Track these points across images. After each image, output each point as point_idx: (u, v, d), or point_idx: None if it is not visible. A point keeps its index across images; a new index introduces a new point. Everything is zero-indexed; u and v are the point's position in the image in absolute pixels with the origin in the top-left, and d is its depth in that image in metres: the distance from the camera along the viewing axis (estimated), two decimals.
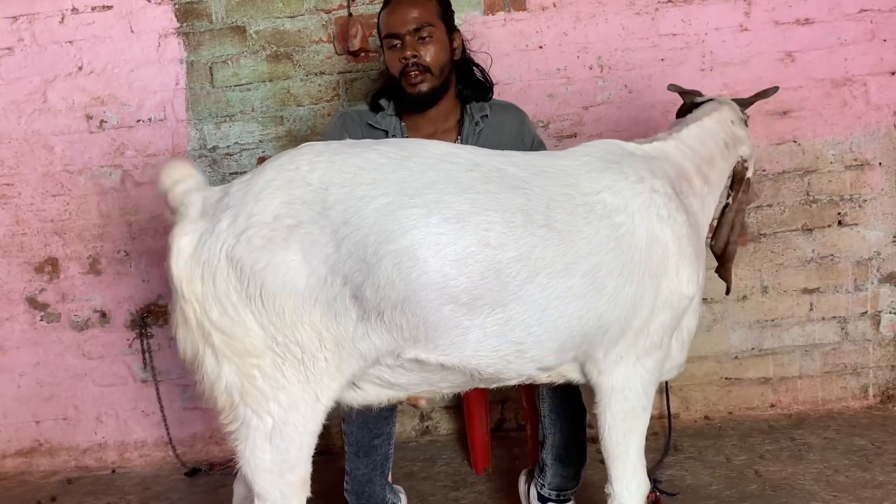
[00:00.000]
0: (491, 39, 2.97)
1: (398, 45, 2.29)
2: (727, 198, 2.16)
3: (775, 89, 2.29)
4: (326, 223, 1.55)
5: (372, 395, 1.77)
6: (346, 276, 1.55)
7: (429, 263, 1.57)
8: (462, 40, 2.42)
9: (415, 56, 2.25)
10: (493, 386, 1.84)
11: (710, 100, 2.21)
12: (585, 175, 1.79)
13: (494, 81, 2.53)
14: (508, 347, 1.69)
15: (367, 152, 1.64)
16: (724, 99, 2.22)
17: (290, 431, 1.61)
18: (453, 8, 2.39)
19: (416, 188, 1.60)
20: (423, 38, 2.27)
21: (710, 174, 2.04)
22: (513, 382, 1.82)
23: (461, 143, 2.33)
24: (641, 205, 1.78)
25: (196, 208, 1.62)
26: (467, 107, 2.40)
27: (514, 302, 1.65)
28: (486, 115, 2.40)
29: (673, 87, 2.39)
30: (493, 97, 2.48)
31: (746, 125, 2.21)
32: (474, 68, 2.47)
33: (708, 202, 2.04)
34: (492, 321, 1.65)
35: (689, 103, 2.25)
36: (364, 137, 2.33)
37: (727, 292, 2.26)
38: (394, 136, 2.34)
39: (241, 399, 1.60)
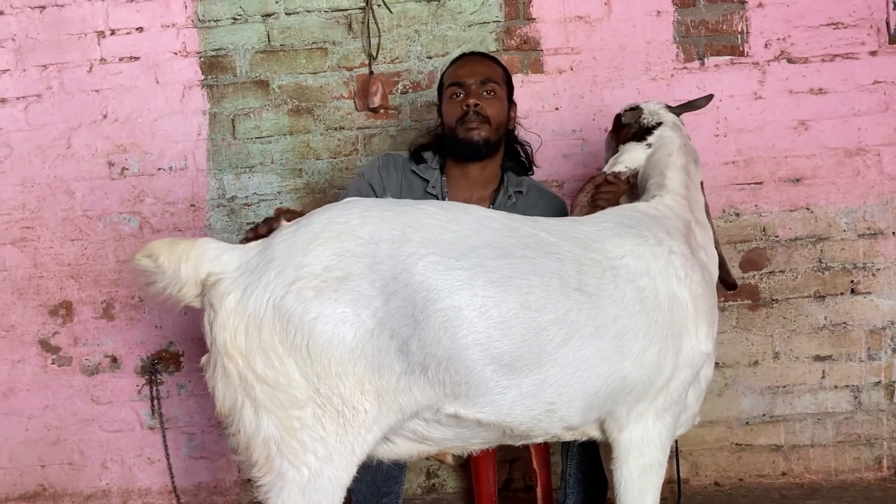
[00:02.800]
0: None
1: (461, 95, 2.35)
2: None
3: (709, 97, 2.34)
4: (376, 277, 1.58)
5: (403, 449, 1.79)
6: (393, 330, 1.58)
7: (474, 324, 1.61)
8: (516, 115, 2.50)
9: (477, 105, 2.32)
10: (521, 443, 1.87)
11: (654, 125, 2.24)
12: (609, 240, 1.84)
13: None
14: (541, 407, 1.72)
15: (413, 212, 1.68)
16: (668, 123, 2.24)
17: (324, 484, 1.60)
18: None
19: (462, 251, 1.64)
20: (489, 93, 2.35)
21: (699, 216, 2.10)
22: (540, 440, 1.86)
23: None
24: (661, 267, 1.84)
25: (233, 265, 1.64)
26: (504, 176, 2.44)
27: (550, 364, 1.69)
28: (521, 192, 2.43)
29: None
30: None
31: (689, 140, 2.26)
32: (519, 146, 2.53)
33: (710, 248, 2.08)
34: (528, 382, 1.69)
35: (632, 120, 2.28)
36: (402, 181, 2.40)
37: (734, 287, 2.25)
38: (433, 187, 2.39)
39: (279, 451, 1.59)
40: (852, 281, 3.08)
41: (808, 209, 3.07)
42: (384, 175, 2.43)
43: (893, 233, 3.06)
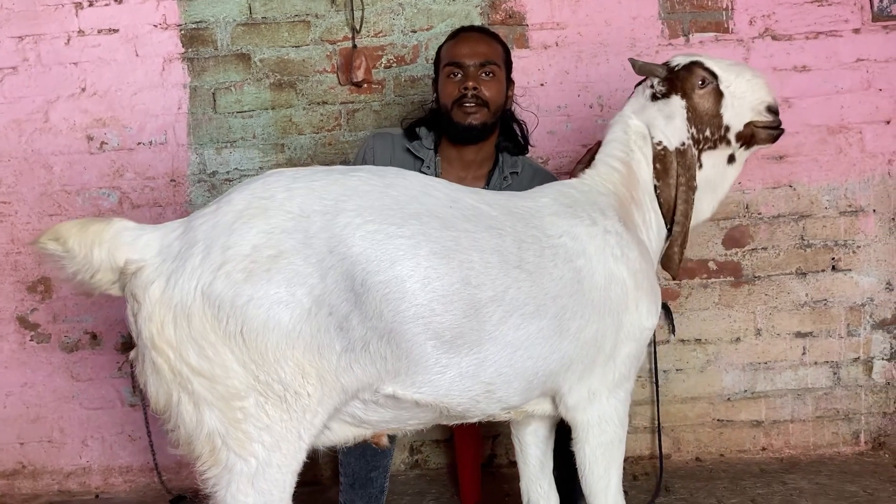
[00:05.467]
0: None
1: (459, 76, 2.31)
2: (654, 180, 2.02)
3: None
4: (310, 252, 1.50)
5: (339, 434, 1.72)
6: (332, 307, 1.50)
7: (417, 296, 1.55)
8: (513, 93, 2.47)
9: (475, 88, 2.28)
10: (455, 423, 1.84)
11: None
12: (548, 218, 1.82)
13: None
14: (480, 388, 1.69)
15: (346, 179, 1.60)
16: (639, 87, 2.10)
17: (273, 472, 1.53)
18: None
19: (402, 217, 1.58)
20: (488, 74, 2.31)
21: (637, 196, 2.02)
22: (475, 420, 1.83)
23: None
24: (597, 247, 1.82)
25: (153, 250, 1.54)
26: (500, 156, 2.42)
27: (489, 342, 1.65)
28: (517, 173, 2.41)
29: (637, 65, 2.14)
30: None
31: (659, 97, 2.03)
32: (515, 125, 2.50)
33: (650, 227, 2.02)
34: (468, 361, 1.65)
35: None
36: (397, 160, 2.35)
37: (674, 277, 2.16)
38: (428, 167, 2.36)
39: (224, 443, 1.51)
40: (833, 258, 3.10)
41: (790, 186, 3.09)
42: (369, 161, 2.39)
43: (874, 210, 3.08)
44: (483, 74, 2.30)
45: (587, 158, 2.14)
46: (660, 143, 2.02)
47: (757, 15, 3.05)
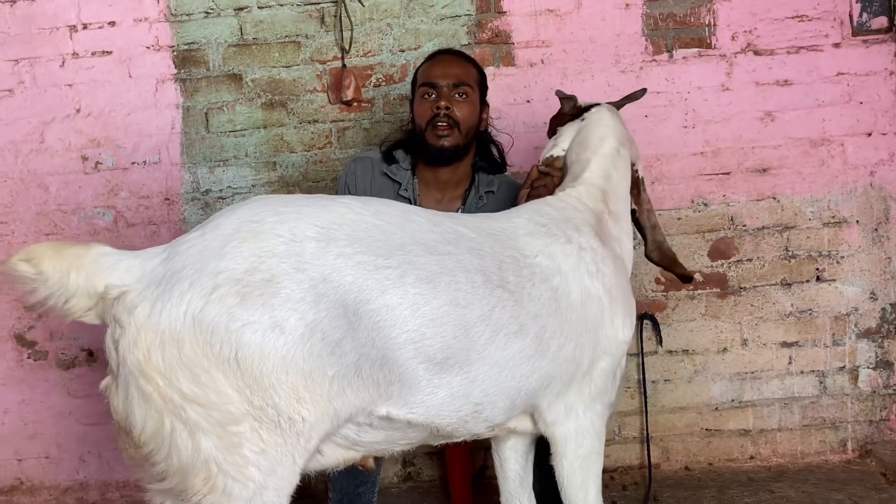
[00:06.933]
0: None
1: (433, 96, 2.35)
2: (632, 204, 2.20)
3: (643, 91, 2.34)
4: (303, 278, 1.49)
5: (330, 458, 1.72)
6: (325, 333, 1.50)
7: (407, 323, 1.58)
8: (488, 115, 2.52)
9: (447, 108, 2.32)
10: (442, 443, 1.85)
11: (591, 106, 2.25)
12: (523, 238, 1.86)
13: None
14: (469, 408, 1.72)
15: (335, 206, 1.62)
16: (605, 106, 2.25)
17: (270, 496, 1.51)
18: None
19: (388, 248, 1.60)
20: (460, 95, 2.35)
21: (614, 208, 2.11)
22: (461, 439, 1.85)
23: (463, 212, 2.38)
24: (572, 265, 1.86)
25: (135, 276, 1.51)
26: (476, 176, 2.46)
27: (478, 362, 1.68)
28: (492, 192, 2.46)
29: (560, 94, 2.38)
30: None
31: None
32: (492, 146, 2.55)
33: (623, 241, 2.11)
34: (458, 381, 1.67)
35: (570, 109, 2.29)
36: (376, 184, 2.40)
37: (690, 280, 2.28)
38: (406, 189, 2.40)
39: (220, 470, 1.48)
40: (817, 268, 3.14)
41: (774, 199, 3.13)
42: (350, 185, 2.45)
43: (857, 221, 3.13)
44: (456, 95, 2.35)
45: (529, 182, 2.24)
46: (637, 170, 2.21)
47: (739, 31, 3.10)
